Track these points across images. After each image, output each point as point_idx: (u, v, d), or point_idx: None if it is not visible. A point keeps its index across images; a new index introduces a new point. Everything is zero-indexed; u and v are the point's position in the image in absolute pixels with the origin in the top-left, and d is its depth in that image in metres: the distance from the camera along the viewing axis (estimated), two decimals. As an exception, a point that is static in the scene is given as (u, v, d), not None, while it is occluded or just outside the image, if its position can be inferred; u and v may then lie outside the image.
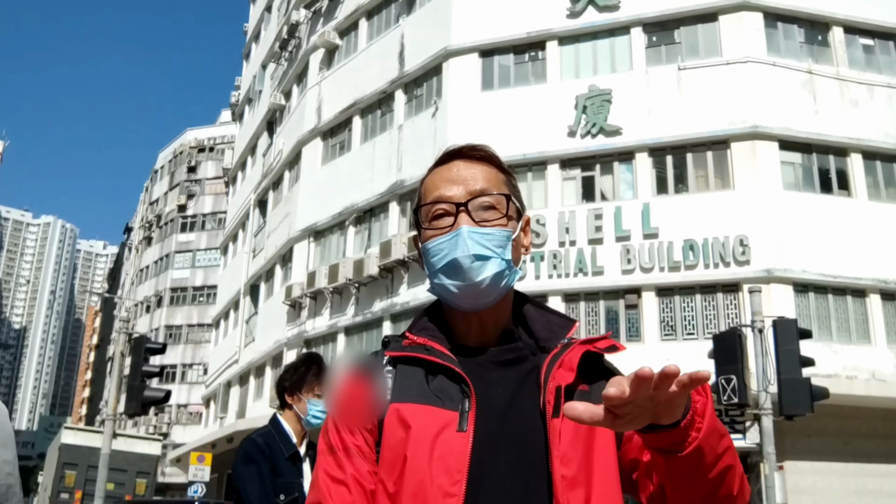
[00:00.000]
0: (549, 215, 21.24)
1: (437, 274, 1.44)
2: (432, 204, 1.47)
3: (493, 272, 1.41)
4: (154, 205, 65.92)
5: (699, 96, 20.96)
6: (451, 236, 1.42)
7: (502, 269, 1.43)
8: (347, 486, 1.38)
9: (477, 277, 1.40)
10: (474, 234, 1.41)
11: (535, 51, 23.33)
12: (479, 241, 1.41)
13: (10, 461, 1.43)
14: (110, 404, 15.91)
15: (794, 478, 17.31)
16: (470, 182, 1.46)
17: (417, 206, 1.52)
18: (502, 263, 1.42)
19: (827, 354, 18.02)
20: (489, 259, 1.41)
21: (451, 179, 1.47)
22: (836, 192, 20.81)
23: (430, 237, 1.46)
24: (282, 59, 34.45)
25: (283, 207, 30.66)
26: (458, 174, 1.48)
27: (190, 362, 56.02)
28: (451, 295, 1.44)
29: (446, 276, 1.43)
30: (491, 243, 1.42)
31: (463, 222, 1.42)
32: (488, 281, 1.41)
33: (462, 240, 1.41)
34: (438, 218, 1.46)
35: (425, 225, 1.48)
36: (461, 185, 1.46)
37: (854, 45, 22.23)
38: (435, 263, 1.44)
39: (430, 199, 1.48)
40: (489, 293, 1.43)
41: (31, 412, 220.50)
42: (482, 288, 1.41)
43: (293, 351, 27.18)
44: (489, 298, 1.44)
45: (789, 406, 11.53)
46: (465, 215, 1.43)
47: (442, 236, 1.44)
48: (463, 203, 1.44)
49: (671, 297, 20.11)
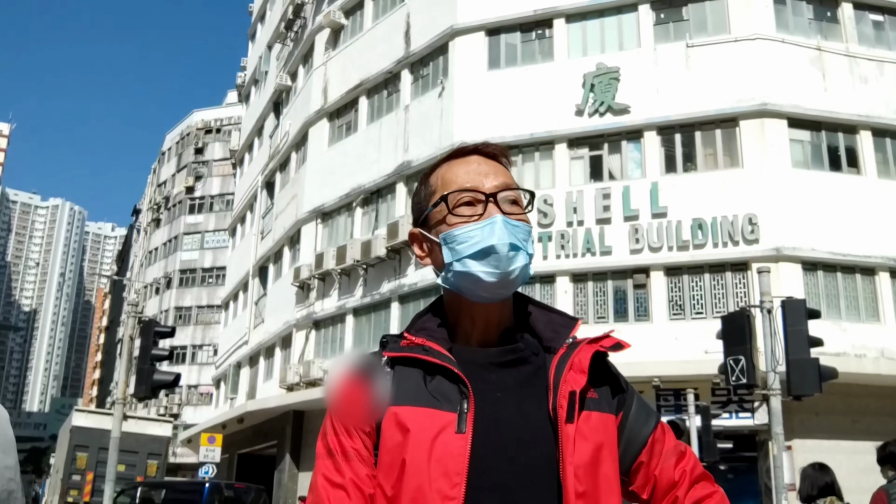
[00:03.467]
0: (557, 195, 21.18)
1: (463, 261, 1.42)
2: (459, 192, 1.45)
3: (522, 263, 1.41)
4: (162, 186, 66.00)
5: (708, 74, 20.82)
6: (486, 224, 1.41)
7: (527, 263, 1.43)
8: (346, 491, 1.37)
9: (510, 266, 1.40)
10: (508, 224, 1.41)
11: (542, 29, 23.17)
12: (512, 232, 1.41)
13: (12, 467, 1.43)
14: (120, 387, 15.99)
15: (803, 456, 17.29)
16: (493, 176, 1.47)
17: (429, 195, 1.51)
18: (527, 257, 1.43)
19: (836, 333, 17.99)
20: (520, 250, 1.41)
21: (476, 172, 1.47)
22: (845, 169, 20.69)
23: (457, 223, 1.44)
24: (287, 40, 34.32)
25: (291, 189, 30.65)
26: (480, 168, 1.48)
27: (200, 343, 56.31)
28: (478, 284, 1.42)
29: (478, 262, 1.41)
30: (520, 235, 1.42)
31: (494, 212, 1.42)
32: (518, 271, 1.41)
33: (500, 227, 1.40)
34: (465, 206, 1.45)
35: (451, 211, 1.45)
36: (489, 177, 1.46)
37: (864, 21, 22.01)
38: (463, 250, 1.42)
39: (454, 188, 1.46)
40: (514, 284, 1.43)
41: (42, 394, 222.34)
42: (512, 278, 1.41)
43: (302, 332, 27.28)
44: (511, 289, 1.44)
45: (798, 386, 11.52)
46: (495, 206, 1.43)
47: (471, 223, 1.42)
48: (493, 194, 1.44)
49: (680, 276, 20.07)
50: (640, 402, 1.52)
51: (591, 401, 1.41)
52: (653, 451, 1.49)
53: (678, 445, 1.52)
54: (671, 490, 1.47)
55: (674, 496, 1.47)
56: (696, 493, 1.48)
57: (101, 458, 22.14)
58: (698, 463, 1.52)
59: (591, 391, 1.43)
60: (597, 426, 1.40)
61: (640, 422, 1.49)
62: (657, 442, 1.50)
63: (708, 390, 18.07)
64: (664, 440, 1.51)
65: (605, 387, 1.46)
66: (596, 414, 1.41)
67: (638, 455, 1.48)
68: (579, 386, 1.39)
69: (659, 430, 1.51)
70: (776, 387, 12.49)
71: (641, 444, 1.48)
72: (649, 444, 1.49)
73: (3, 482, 1.39)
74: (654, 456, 1.49)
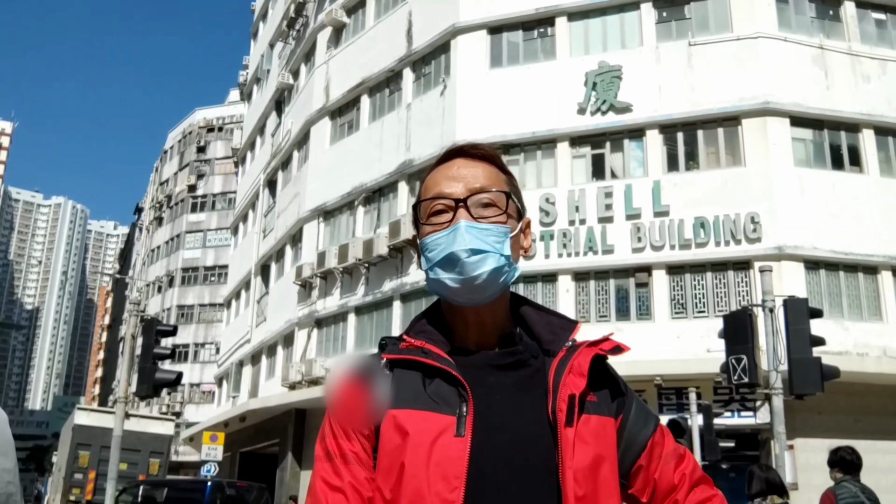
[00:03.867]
0: (559, 194, 21.17)
1: (433, 268, 1.43)
2: (431, 200, 1.46)
3: (490, 267, 1.40)
4: (164, 185, 66.05)
5: (710, 72, 20.79)
6: (449, 231, 1.41)
7: (501, 265, 1.41)
8: (345, 494, 1.37)
9: (474, 272, 1.39)
10: (472, 228, 1.41)
11: (544, 27, 23.15)
12: (476, 236, 1.40)
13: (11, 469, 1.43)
14: (122, 386, 16.01)
15: (805, 455, 17.32)
16: (470, 179, 1.46)
17: (417, 203, 1.51)
18: (501, 259, 1.41)
19: (838, 331, 17.98)
20: (487, 254, 1.40)
21: (451, 177, 1.47)
22: (847, 168, 20.66)
23: (429, 232, 1.45)
24: (289, 38, 34.32)
25: (293, 187, 30.66)
26: (458, 172, 1.48)
27: (202, 342, 56.36)
28: (448, 290, 1.43)
29: (443, 270, 1.42)
30: (489, 238, 1.41)
31: (461, 217, 1.42)
32: (486, 276, 1.40)
33: (460, 234, 1.40)
34: (437, 214, 1.45)
35: (423, 221, 1.47)
36: (461, 182, 1.46)
37: (866, 19, 21.98)
38: (432, 258, 1.43)
39: (429, 195, 1.47)
40: (486, 288, 1.42)
41: (44, 392, 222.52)
42: (479, 283, 1.40)
43: (304, 331, 27.29)
44: (486, 294, 1.43)
45: (800, 385, 11.52)
46: (464, 211, 1.43)
47: (440, 231, 1.43)
48: (462, 199, 1.44)
49: (682, 275, 20.06)
50: (640, 406, 1.52)
51: (590, 404, 1.41)
52: (652, 455, 1.49)
53: (677, 448, 1.52)
54: (671, 493, 1.47)
55: (673, 499, 1.47)
56: (695, 496, 1.48)
57: (103, 457, 22.20)
58: (697, 466, 1.52)
59: (591, 394, 1.43)
60: (596, 430, 1.40)
61: (639, 425, 1.49)
62: (656, 445, 1.50)
63: (710, 389, 18.05)
64: (663, 443, 1.51)
65: (605, 390, 1.46)
66: (595, 417, 1.41)
67: (637, 458, 1.48)
68: (579, 389, 1.39)
69: (658, 434, 1.51)
70: (778, 386, 12.49)
71: (641, 447, 1.48)
72: (648, 448, 1.49)
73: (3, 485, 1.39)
74: (653, 459, 1.49)
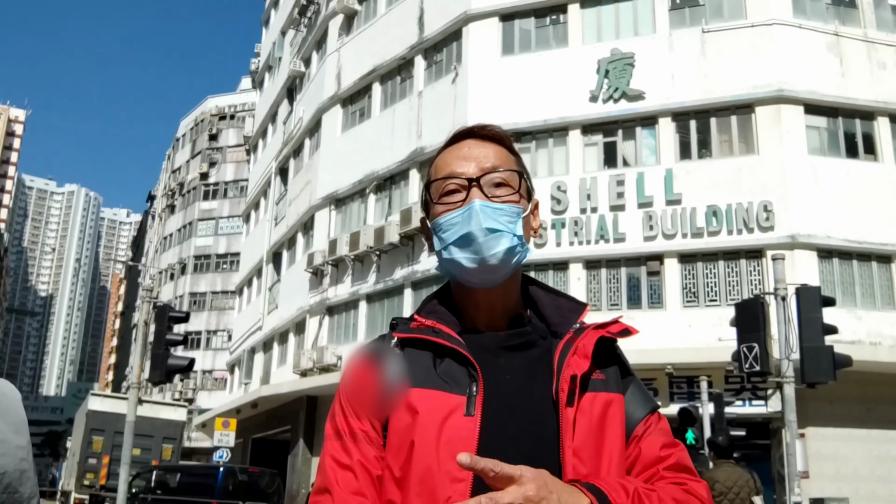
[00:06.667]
0: (571, 181, 21.11)
1: (448, 248, 1.44)
2: (444, 179, 1.46)
3: (505, 247, 1.41)
4: (176, 173, 66.25)
5: (723, 60, 20.65)
6: (464, 210, 1.41)
7: (514, 245, 1.42)
8: (354, 472, 1.38)
9: (490, 251, 1.40)
10: (487, 207, 1.41)
11: (556, 14, 23.04)
12: (491, 216, 1.41)
13: (24, 447, 1.44)
14: (135, 372, 16.12)
15: (816, 444, 17.28)
16: (482, 159, 1.46)
17: (427, 183, 1.50)
18: (514, 239, 1.42)
19: (851, 320, 17.89)
20: (501, 233, 1.41)
21: (462, 157, 1.47)
22: (862, 156, 20.52)
23: (442, 212, 1.45)
24: (301, 26, 34.29)
25: (304, 175, 30.69)
26: (469, 152, 1.48)
27: (214, 329, 56.63)
28: (462, 270, 1.43)
29: (459, 249, 1.42)
30: (503, 218, 1.42)
31: (475, 197, 1.42)
32: (501, 255, 1.40)
33: (475, 213, 1.40)
34: (450, 194, 1.45)
35: (435, 200, 1.47)
36: (473, 161, 1.46)
37: (882, 6, 21.76)
38: (447, 238, 1.43)
39: (441, 175, 1.47)
40: (500, 268, 1.42)
41: (59, 378, 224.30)
42: (494, 262, 1.41)
43: (315, 318, 27.38)
44: (499, 274, 1.43)
45: (811, 374, 11.47)
46: (478, 190, 1.43)
47: (454, 211, 1.43)
48: (475, 178, 1.44)
49: (694, 263, 19.99)
50: (639, 387, 1.52)
51: (598, 382, 1.42)
52: (644, 434, 1.49)
53: (671, 436, 1.52)
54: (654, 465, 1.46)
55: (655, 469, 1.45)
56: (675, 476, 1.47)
57: (116, 442, 22.40)
58: (688, 457, 1.51)
59: (598, 372, 1.43)
60: (603, 407, 1.40)
61: (633, 405, 1.49)
62: (651, 424, 1.49)
63: (721, 378, 18.02)
64: (658, 425, 1.50)
65: (614, 367, 1.46)
66: (603, 394, 1.41)
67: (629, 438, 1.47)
68: (581, 370, 1.39)
69: (654, 416, 1.51)
70: (790, 374, 12.44)
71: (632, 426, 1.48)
72: (642, 425, 1.48)
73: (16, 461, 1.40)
74: (644, 438, 1.48)
